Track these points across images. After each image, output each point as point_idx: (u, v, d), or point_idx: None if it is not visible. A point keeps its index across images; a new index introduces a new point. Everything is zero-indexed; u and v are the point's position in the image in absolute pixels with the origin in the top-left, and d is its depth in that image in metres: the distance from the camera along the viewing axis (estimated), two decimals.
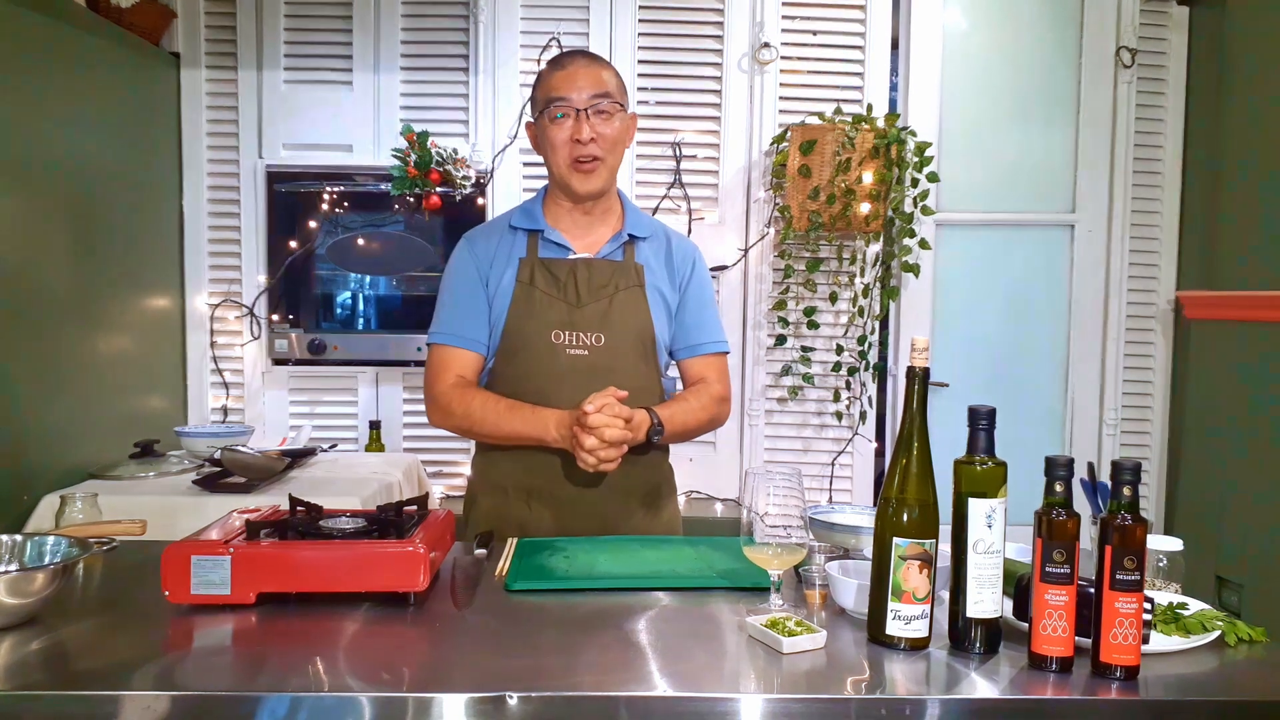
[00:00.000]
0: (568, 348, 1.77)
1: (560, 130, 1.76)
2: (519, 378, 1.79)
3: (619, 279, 1.81)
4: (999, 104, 3.25)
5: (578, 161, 1.76)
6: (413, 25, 3.14)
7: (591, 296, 1.79)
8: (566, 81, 1.75)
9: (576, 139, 1.74)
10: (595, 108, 1.75)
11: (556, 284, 1.79)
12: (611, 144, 1.77)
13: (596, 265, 1.81)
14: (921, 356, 1.22)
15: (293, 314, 3.15)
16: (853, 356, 3.18)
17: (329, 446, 2.96)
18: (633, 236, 1.86)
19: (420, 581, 1.31)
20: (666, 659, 1.15)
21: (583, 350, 1.77)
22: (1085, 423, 3.28)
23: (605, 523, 1.81)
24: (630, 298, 1.81)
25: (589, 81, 1.75)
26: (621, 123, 1.79)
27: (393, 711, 1.04)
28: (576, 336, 1.77)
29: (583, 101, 1.74)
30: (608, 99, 1.76)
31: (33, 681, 1.07)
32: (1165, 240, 3.26)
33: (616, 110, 1.77)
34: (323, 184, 3.11)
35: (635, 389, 1.75)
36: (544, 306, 1.78)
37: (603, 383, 1.71)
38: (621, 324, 1.79)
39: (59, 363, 2.45)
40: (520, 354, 1.79)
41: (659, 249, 1.88)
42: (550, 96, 1.76)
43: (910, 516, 1.19)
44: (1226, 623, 1.26)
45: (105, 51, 2.69)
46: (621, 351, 1.79)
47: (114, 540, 1.47)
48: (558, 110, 1.75)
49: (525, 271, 1.80)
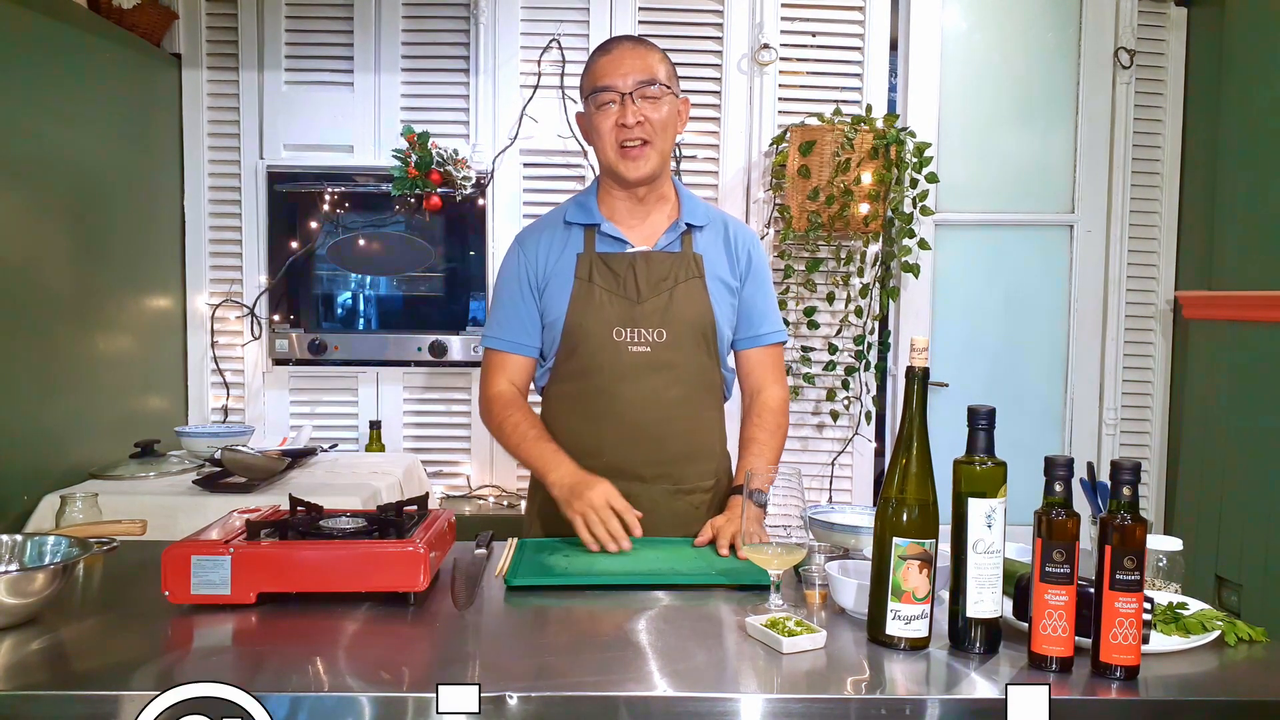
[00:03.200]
0: (630, 345, 1.76)
1: (606, 117, 1.74)
2: (581, 374, 1.79)
3: (678, 271, 1.79)
4: (998, 104, 3.25)
5: (624, 147, 1.74)
6: (413, 26, 3.14)
7: (652, 291, 1.77)
8: (611, 67, 1.73)
9: (622, 124, 1.72)
10: (641, 92, 1.72)
11: (616, 279, 1.77)
12: (660, 128, 1.75)
13: (655, 258, 1.79)
14: (921, 356, 1.22)
15: (293, 314, 3.15)
16: (852, 356, 3.18)
17: (329, 446, 2.96)
18: (690, 225, 1.83)
19: (420, 581, 1.31)
20: (666, 659, 1.15)
21: (645, 347, 1.76)
22: (1085, 423, 3.28)
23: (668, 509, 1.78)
24: (690, 290, 1.79)
25: (634, 66, 1.73)
26: (671, 107, 1.76)
27: (393, 711, 1.04)
28: (638, 333, 1.76)
29: (628, 86, 1.72)
30: (655, 84, 1.73)
31: (33, 681, 1.07)
32: (1164, 240, 3.26)
33: (665, 94, 1.75)
34: (323, 184, 3.11)
35: (696, 383, 1.78)
36: (604, 303, 1.77)
37: (665, 378, 1.73)
38: (682, 318, 1.77)
39: (59, 363, 2.45)
40: (581, 351, 1.78)
41: (717, 237, 1.86)
42: (596, 85, 1.74)
43: (910, 516, 1.19)
44: (1226, 623, 1.26)
45: (106, 52, 2.69)
46: (683, 346, 1.78)
47: (114, 540, 1.47)
48: (603, 98, 1.73)
49: (584, 268, 1.79)
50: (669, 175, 1.86)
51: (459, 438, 3.23)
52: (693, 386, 1.78)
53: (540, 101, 3.13)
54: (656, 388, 1.74)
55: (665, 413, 1.75)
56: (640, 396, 1.73)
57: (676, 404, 1.77)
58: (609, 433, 1.76)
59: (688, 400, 1.78)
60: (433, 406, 3.23)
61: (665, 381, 1.74)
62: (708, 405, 1.83)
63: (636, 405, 1.73)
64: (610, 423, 1.76)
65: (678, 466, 1.79)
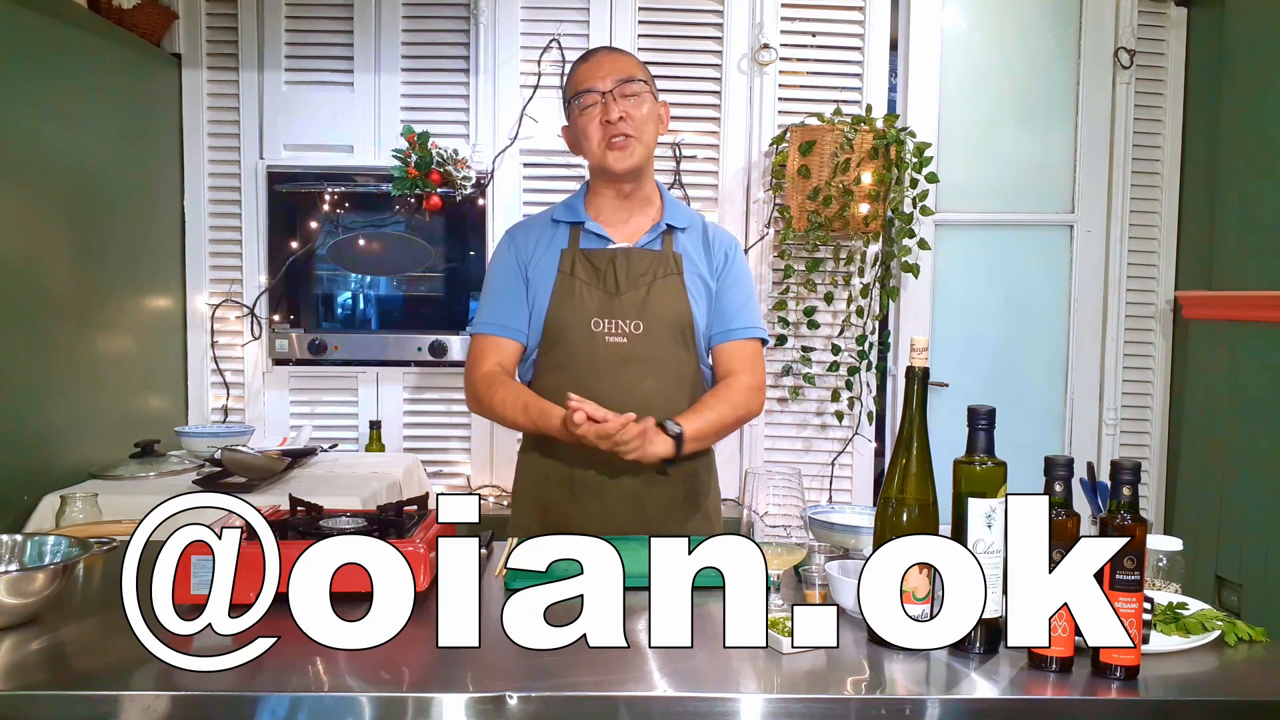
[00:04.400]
0: (606, 336, 1.80)
1: (591, 118, 1.79)
2: (559, 366, 1.83)
3: (658, 267, 1.83)
4: (998, 104, 3.25)
5: (610, 140, 1.78)
6: (413, 26, 3.14)
7: (630, 285, 1.81)
8: (591, 71, 1.80)
9: (606, 120, 1.77)
10: (622, 90, 1.78)
11: (597, 274, 1.82)
12: (642, 123, 1.80)
13: (635, 254, 1.84)
14: (921, 356, 1.22)
15: (293, 314, 3.15)
16: (853, 356, 3.18)
17: (329, 446, 2.96)
18: (671, 226, 1.87)
19: (420, 581, 1.31)
20: (666, 659, 1.15)
21: (621, 339, 1.80)
22: (1085, 423, 3.28)
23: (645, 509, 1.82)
24: (669, 285, 1.83)
25: (613, 68, 1.79)
26: (651, 106, 1.82)
27: (393, 711, 1.04)
28: (615, 325, 1.80)
29: (609, 85, 1.78)
30: (634, 81, 1.79)
31: (33, 681, 1.07)
32: (1164, 240, 3.26)
33: (644, 91, 1.80)
34: (323, 184, 3.11)
35: (674, 377, 1.80)
36: (584, 296, 1.81)
37: (639, 371, 1.76)
38: (660, 312, 1.81)
39: (59, 363, 2.45)
40: (560, 343, 1.82)
41: (697, 239, 1.90)
42: (578, 89, 1.80)
43: (910, 516, 1.19)
44: (1226, 623, 1.26)
45: (106, 52, 2.69)
46: (660, 339, 1.81)
47: (114, 540, 1.47)
48: (586, 100, 1.78)
49: (566, 262, 1.84)
50: (653, 177, 1.91)
51: (459, 438, 3.23)
52: (668, 381, 1.81)
53: (540, 101, 3.13)
54: (631, 379, 1.77)
55: (639, 404, 1.77)
56: (614, 387, 1.76)
57: (650, 396, 1.79)
58: None
59: (662, 394, 1.80)
60: (433, 406, 3.23)
61: (640, 374, 1.78)
62: (683, 400, 1.84)
63: (610, 396, 1.75)
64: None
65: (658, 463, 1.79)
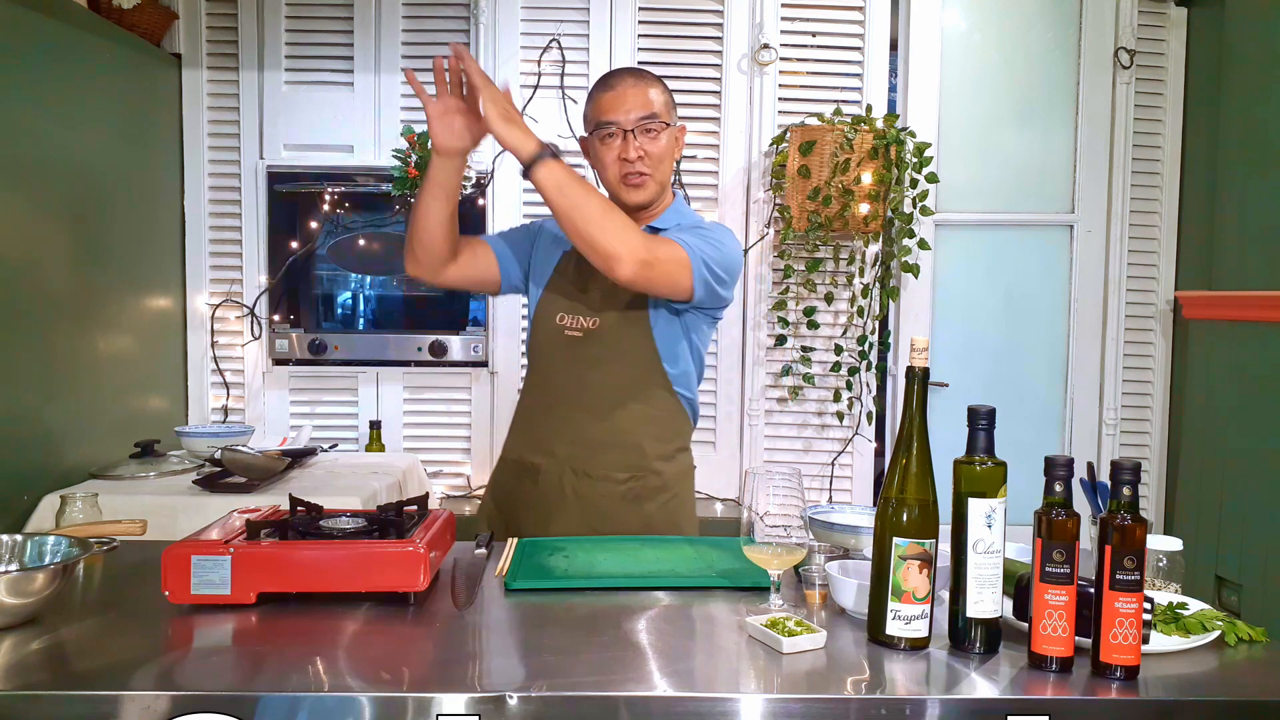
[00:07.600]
0: (566, 329, 1.85)
1: (609, 150, 1.83)
2: (530, 360, 1.94)
3: None
4: (998, 104, 3.25)
5: (626, 177, 1.82)
6: (413, 26, 3.14)
7: (596, 282, 1.83)
8: (614, 103, 1.81)
9: (624, 158, 1.81)
10: (642, 128, 1.80)
11: (580, 274, 1.85)
12: (657, 160, 1.83)
13: None
14: (921, 356, 1.22)
15: (293, 314, 3.15)
16: (853, 356, 3.18)
17: (329, 446, 2.96)
18: (652, 228, 1.86)
19: (420, 581, 1.31)
20: (666, 659, 1.15)
21: (578, 332, 1.84)
22: (1085, 423, 3.28)
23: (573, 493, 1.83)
24: None
25: (636, 103, 1.81)
26: (668, 139, 1.84)
27: (393, 711, 1.04)
28: (576, 319, 1.85)
29: (630, 123, 1.80)
30: (654, 119, 1.81)
31: (33, 681, 1.07)
32: (1164, 240, 3.26)
33: (662, 128, 1.82)
34: (323, 184, 3.11)
35: (627, 374, 1.83)
36: (560, 295, 1.87)
37: (591, 362, 1.82)
38: (619, 306, 1.82)
39: (59, 363, 2.45)
40: (533, 337, 1.92)
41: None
42: (599, 120, 1.82)
43: (910, 516, 1.19)
44: (1226, 623, 1.26)
45: (106, 52, 2.68)
46: (617, 335, 1.82)
47: (114, 540, 1.47)
48: (606, 132, 1.82)
49: (564, 262, 1.90)
50: (668, 190, 1.92)
51: (459, 438, 3.23)
52: (622, 376, 1.82)
53: (540, 101, 3.13)
54: (581, 371, 1.82)
55: (588, 397, 1.80)
56: (566, 377, 1.84)
57: (598, 389, 1.82)
58: (538, 411, 1.88)
59: (614, 388, 1.82)
60: (433, 406, 3.23)
61: (590, 364, 1.82)
62: (637, 398, 1.84)
63: (560, 385, 1.83)
64: (540, 399, 1.88)
65: (590, 451, 1.82)
